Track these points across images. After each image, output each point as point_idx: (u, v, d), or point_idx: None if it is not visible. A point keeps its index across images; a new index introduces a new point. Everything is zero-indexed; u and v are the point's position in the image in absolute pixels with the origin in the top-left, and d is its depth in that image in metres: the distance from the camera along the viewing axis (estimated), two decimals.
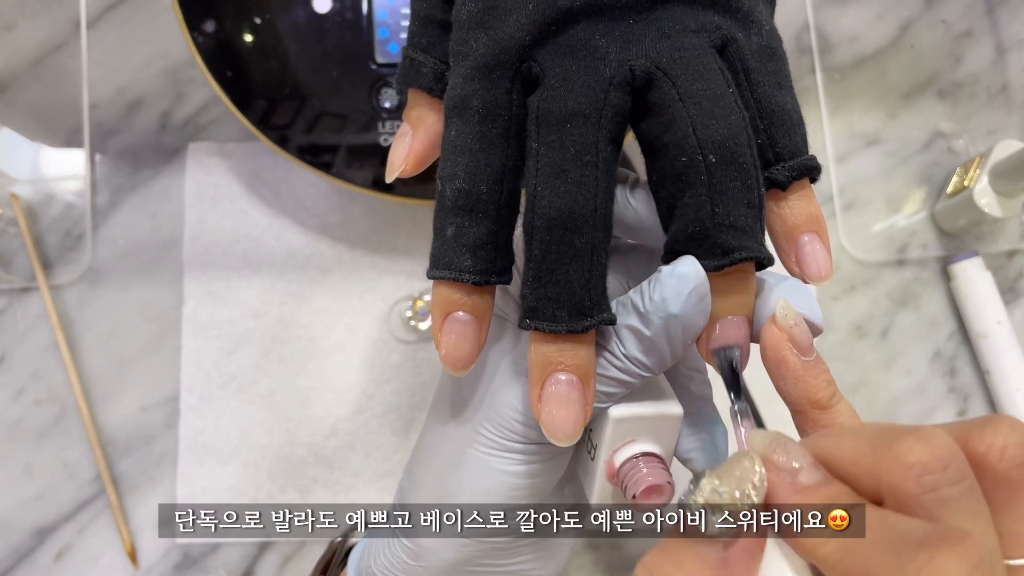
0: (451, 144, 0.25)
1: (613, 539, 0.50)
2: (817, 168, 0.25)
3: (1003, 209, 0.50)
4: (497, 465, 0.27)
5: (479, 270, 0.24)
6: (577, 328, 0.23)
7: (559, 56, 0.24)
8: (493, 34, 0.24)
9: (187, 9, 0.45)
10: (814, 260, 0.25)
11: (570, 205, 0.23)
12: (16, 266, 0.51)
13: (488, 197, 0.24)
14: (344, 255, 0.52)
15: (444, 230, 0.25)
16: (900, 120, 0.55)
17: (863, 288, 0.53)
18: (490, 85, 0.24)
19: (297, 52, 0.46)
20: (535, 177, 0.24)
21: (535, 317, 0.24)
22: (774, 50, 0.25)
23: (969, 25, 0.56)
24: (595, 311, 0.24)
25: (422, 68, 0.26)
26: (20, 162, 0.53)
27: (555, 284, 0.23)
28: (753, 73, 0.25)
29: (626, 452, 0.27)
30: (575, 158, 0.23)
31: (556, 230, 0.23)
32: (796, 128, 0.25)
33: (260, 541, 0.49)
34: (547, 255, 0.23)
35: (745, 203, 0.23)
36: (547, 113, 0.24)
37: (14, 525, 0.49)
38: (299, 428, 0.50)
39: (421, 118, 0.27)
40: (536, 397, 0.24)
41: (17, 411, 0.50)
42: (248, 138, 0.53)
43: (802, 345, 0.23)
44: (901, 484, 0.18)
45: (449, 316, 0.25)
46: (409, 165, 0.27)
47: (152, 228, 0.52)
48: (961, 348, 0.53)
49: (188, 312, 0.51)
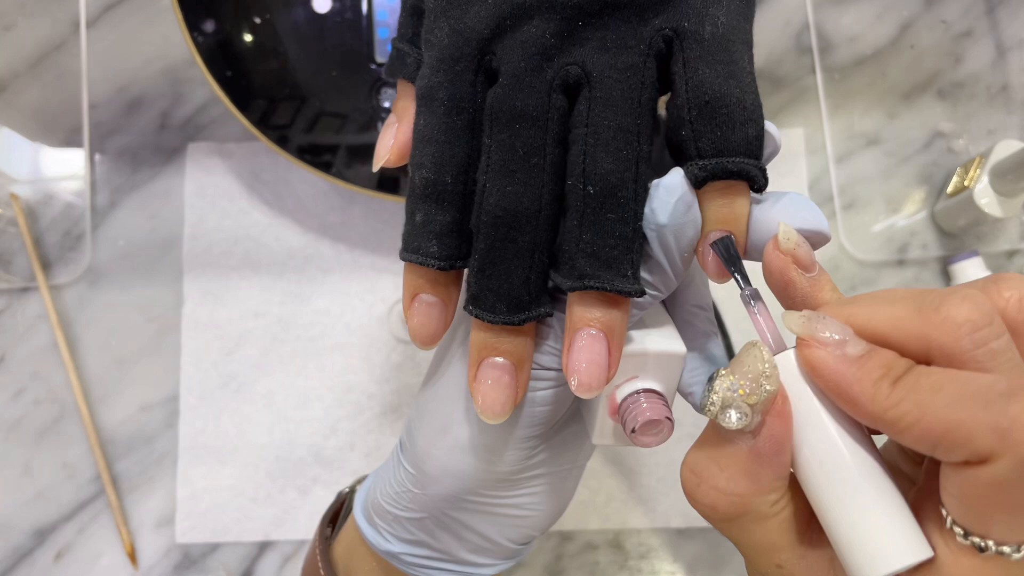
0: (420, 133, 0.26)
1: (613, 539, 0.50)
2: (746, 173, 0.23)
3: (1003, 209, 0.50)
4: None
5: (444, 256, 0.26)
6: (514, 320, 0.25)
7: (513, 52, 0.25)
8: (455, 25, 0.25)
9: (187, 9, 0.45)
10: (714, 258, 0.24)
11: (515, 205, 0.24)
12: (16, 266, 0.51)
13: (453, 188, 0.25)
14: (344, 255, 0.52)
15: (414, 215, 0.26)
16: (900, 120, 0.55)
17: (863, 288, 0.53)
18: (455, 77, 0.25)
19: (297, 52, 0.46)
20: (485, 174, 0.25)
21: (477, 305, 0.25)
22: (729, 41, 0.24)
23: (969, 25, 0.56)
24: (533, 306, 0.25)
25: (407, 59, 0.27)
26: (20, 162, 0.53)
27: (496, 277, 0.25)
28: (691, 61, 0.24)
29: (628, 388, 0.27)
30: (523, 159, 0.24)
31: (501, 227, 0.24)
32: (735, 125, 0.23)
33: (260, 541, 0.49)
34: (491, 250, 0.25)
35: (616, 235, 0.24)
36: (499, 112, 0.24)
37: (14, 525, 0.49)
38: (299, 428, 0.50)
39: (406, 109, 0.27)
40: (472, 376, 0.26)
41: (17, 411, 0.50)
42: (248, 138, 0.52)
43: (805, 263, 0.23)
44: (954, 342, 0.19)
45: (416, 297, 0.27)
46: (393, 155, 0.27)
47: (152, 228, 0.52)
48: None
49: (188, 312, 0.51)
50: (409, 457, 0.31)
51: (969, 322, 0.19)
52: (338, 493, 0.38)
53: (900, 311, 0.20)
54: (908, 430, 0.19)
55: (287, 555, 0.49)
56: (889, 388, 0.19)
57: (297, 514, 0.49)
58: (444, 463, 0.29)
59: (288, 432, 0.50)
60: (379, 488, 0.32)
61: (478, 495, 0.30)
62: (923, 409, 0.19)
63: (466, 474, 0.29)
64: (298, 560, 0.49)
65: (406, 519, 0.31)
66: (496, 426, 0.28)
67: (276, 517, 0.49)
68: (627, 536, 0.50)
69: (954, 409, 0.18)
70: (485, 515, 0.31)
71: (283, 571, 0.49)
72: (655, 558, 0.49)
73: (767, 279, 0.24)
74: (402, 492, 0.31)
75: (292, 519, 0.49)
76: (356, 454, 0.50)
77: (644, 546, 0.50)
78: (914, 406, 0.19)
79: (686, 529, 0.50)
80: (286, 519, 0.49)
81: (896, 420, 0.19)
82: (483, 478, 0.29)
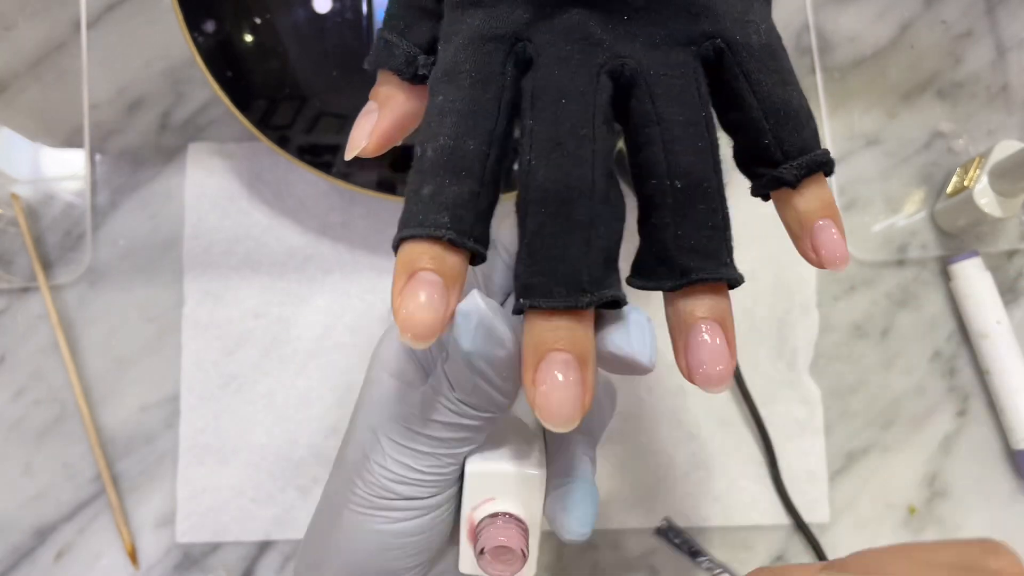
0: (437, 108, 0.23)
1: (613, 539, 0.50)
2: (829, 163, 0.25)
3: (1003, 209, 0.50)
4: (371, 525, 0.26)
5: (457, 229, 0.22)
6: (575, 304, 0.22)
7: (554, 37, 0.24)
8: (490, 11, 0.24)
9: (187, 9, 0.45)
10: (829, 244, 0.25)
11: (566, 178, 0.22)
12: (16, 266, 0.51)
13: (474, 154, 0.23)
14: (344, 255, 0.52)
15: (420, 190, 0.23)
16: (900, 120, 0.55)
17: (863, 288, 0.53)
18: (484, 54, 0.24)
19: (297, 52, 0.46)
20: (529, 152, 0.23)
21: (530, 295, 0.22)
22: (774, 49, 0.25)
23: (969, 25, 0.56)
24: (595, 287, 0.22)
25: (395, 50, 0.26)
26: (20, 162, 0.53)
27: (551, 259, 0.22)
28: (754, 74, 0.25)
29: (485, 510, 0.26)
30: (571, 132, 0.23)
31: (551, 202, 0.22)
32: (804, 125, 0.25)
33: (260, 541, 0.49)
34: (542, 229, 0.22)
35: (708, 226, 0.24)
36: (541, 90, 0.23)
37: (14, 525, 0.49)
38: (299, 428, 0.50)
39: (389, 96, 0.26)
40: (531, 380, 0.22)
41: (17, 411, 0.50)
42: (248, 138, 0.53)
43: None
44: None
45: (415, 275, 0.21)
46: (372, 143, 0.26)
47: (152, 228, 0.52)
48: (961, 348, 0.53)
49: (188, 312, 0.51)
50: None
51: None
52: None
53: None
54: None
55: (287, 555, 0.49)
56: None
57: (297, 514, 0.49)
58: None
59: (288, 432, 0.50)
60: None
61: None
62: None
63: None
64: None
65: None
66: (368, 555, 0.26)
67: (276, 517, 0.49)
68: (627, 536, 0.50)
69: None
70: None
71: (283, 571, 0.49)
72: (655, 558, 0.49)
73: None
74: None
75: (292, 519, 0.49)
76: None
77: (644, 546, 0.50)
78: None
79: (686, 529, 0.50)
80: (286, 519, 0.49)
81: None
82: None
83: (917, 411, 0.52)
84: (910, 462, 0.52)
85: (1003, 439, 0.52)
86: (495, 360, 0.24)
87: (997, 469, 0.52)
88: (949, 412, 0.52)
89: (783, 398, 0.51)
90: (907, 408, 0.52)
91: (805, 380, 0.52)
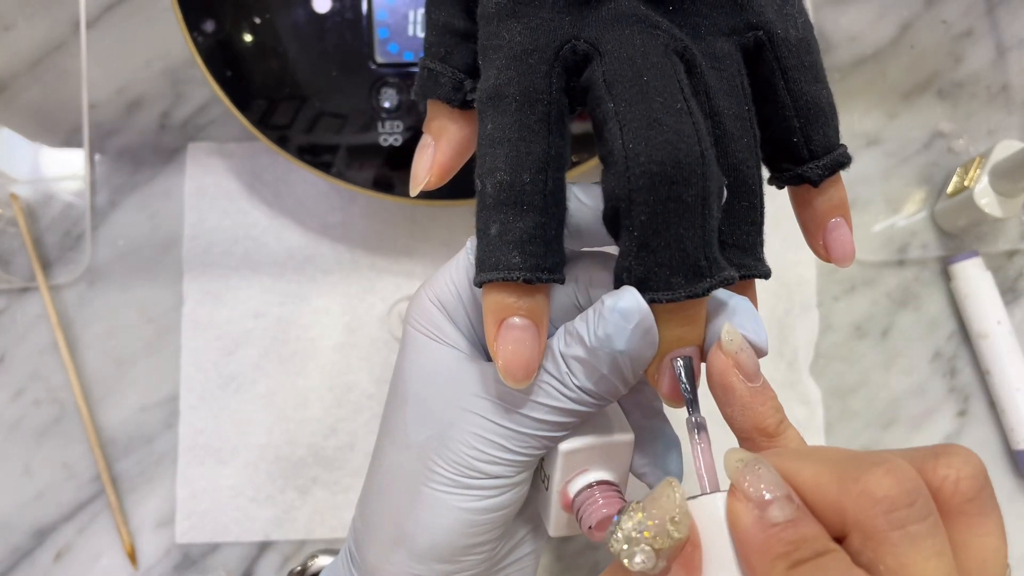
0: (488, 137, 0.23)
1: None
2: (848, 159, 0.26)
3: (1003, 209, 0.50)
4: (455, 503, 0.26)
5: (529, 267, 0.22)
6: (696, 292, 0.22)
7: (610, 26, 0.23)
8: (528, 21, 0.23)
9: (187, 9, 0.45)
10: (841, 243, 0.26)
11: (673, 155, 0.21)
12: (16, 266, 0.51)
13: (532, 187, 0.23)
14: (344, 255, 0.52)
15: (488, 229, 0.23)
16: (900, 120, 0.55)
17: (863, 288, 0.53)
18: (527, 70, 0.23)
19: (297, 52, 0.46)
20: (621, 136, 0.21)
21: (647, 289, 0.22)
22: (809, 43, 0.25)
23: (969, 25, 0.56)
24: (713, 270, 0.22)
25: (440, 78, 0.25)
26: (20, 162, 0.53)
27: (666, 248, 0.21)
28: (790, 71, 0.25)
29: (580, 482, 0.26)
30: (665, 106, 0.21)
31: (661, 186, 0.21)
32: (830, 121, 0.25)
33: (260, 541, 0.49)
34: (654, 216, 0.21)
35: (749, 222, 0.24)
36: (617, 74, 0.22)
37: (14, 525, 0.49)
38: (299, 428, 0.50)
39: (443, 128, 0.26)
40: (654, 379, 0.23)
41: (17, 411, 0.50)
42: (248, 138, 0.52)
43: (748, 371, 0.23)
44: (870, 520, 0.17)
45: (504, 322, 0.23)
46: (434, 176, 0.26)
47: (152, 228, 0.52)
48: (961, 348, 0.53)
49: (188, 312, 0.51)
50: (360, 572, 0.29)
51: (887, 499, 0.17)
52: (289, 572, 0.37)
53: (823, 475, 0.18)
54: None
55: (287, 555, 0.49)
56: (784, 571, 0.18)
57: (297, 514, 0.49)
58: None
59: (288, 432, 0.50)
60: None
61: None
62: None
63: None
64: (298, 560, 0.49)
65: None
66: (452, 534, 0.26)
67: (276, 517, 0.49)
68: None
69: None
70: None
71: (283, 571, 0.49)
72: None
73: (709, 382, 0.24)
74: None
75: (292, 519, 0.49)
76: (356, 454, 0.50)
77: None
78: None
79: None
80: (286, 519, 0.49)
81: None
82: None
83: (917, 411, 0.52)
84: None
85: (1003, 439, 0.52)
86: (643, 361, 0.23)
87: (997, 469, 0.52)
88: (949, 412, 0.52)
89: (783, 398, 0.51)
90: (907, 408, 0.52)
91: (805, 380, 0.52)
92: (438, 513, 0.26)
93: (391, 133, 0.46)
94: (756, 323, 0.24)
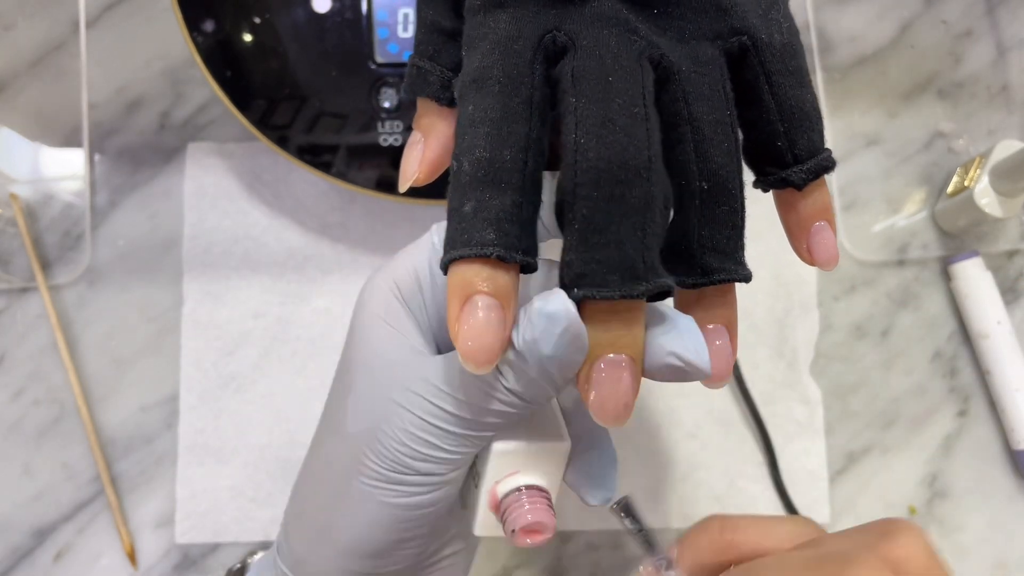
0: (468, 119, 0.23)
1: (614, 539, 0.50)
2: (833, 164, 0.26)
3: (1003, 209, 0.50)
4: (384, 498, 0.26)
5: (504, 244, 0.21)
6: (631, 293, 0.21)
7: (589, 23, 0.23)
8: (514, 11, 0.23)
9: (187, 9, 0.45)
10: (825, 246, 0.26)
11: (620, 155, 0.21)
12: (15, 266, 0.51)
13: (512, 165, 0.22)
14: (344, 255, 0.52)
15: (461, 207, 0.22)
16: (900, 120, 0.55)
17: (863, 288, 0.53)
18: (512, 55, 0.23)
19: (297, 52, 0.46)
20: (575, 131, 0.21)
21: (584, 284, 0.21)
22: (794, 48, 0.25)
23: (969, 25, 0.56)
24: (651, 275, 0.22)
25: (429, 77, 0.26)
26: (19, 162, 0.53)
27: (604, 245, 0.21)
28: (775, 76, 0.25)
29: (509, 483, 0.26)
30: (622, 109, 0.22)
31: (605, 184, 0.21)
32: (814, 125, 0.26)
33: (260, 541, 0.49)
34: (595, 213, 0.21)
35: (729, 226, 0.24)
36: (585, 70, 0.22)
37: (13, 525, 0.49)
38: (299, 428, 0.50)
39: (431, 126, 0.26)
40: (584, 380, 0.22)
41: (17, 411, 0.50)
42: (248, 138, 0.52)
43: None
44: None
45: (468, 300, 0.21)
46: (422, 173, 0.26)
47: (152, 228, 0.52)
48: (961, 348, 0.53)
49: (188, 312, 0.51)
50: (287, 562, 0.28)
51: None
52: (227, 570, 0.36)
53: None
54: None
55: None
56: None
57: None
58: (327, 572, 0.27)
59: (288, 432, 0.50)
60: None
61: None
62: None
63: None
64: None
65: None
66: (380, 529, 0.26)
67: (276, 517, 0.49)
68: (628, 536, 0.50)
69: None
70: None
71: None
72: None
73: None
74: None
75: None
76: None
77: None
78: None
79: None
80: None
81: None
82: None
83: (917, 411, 0.52)
84: (910, 462, 0.52)
85: (1003, 439, 0.52)
86: (571, 366, 0.22)
87: (997, 469, 0.52)
88: (949, 412, 0.52)
89: (783, 398, 0.51)
90: (907, 408, 0.52)
91: (805, 380, 0.52)
92: (366, 508, 0.26)
93: (391, 133, 0.46)
94: (699, 345, 0.23)
